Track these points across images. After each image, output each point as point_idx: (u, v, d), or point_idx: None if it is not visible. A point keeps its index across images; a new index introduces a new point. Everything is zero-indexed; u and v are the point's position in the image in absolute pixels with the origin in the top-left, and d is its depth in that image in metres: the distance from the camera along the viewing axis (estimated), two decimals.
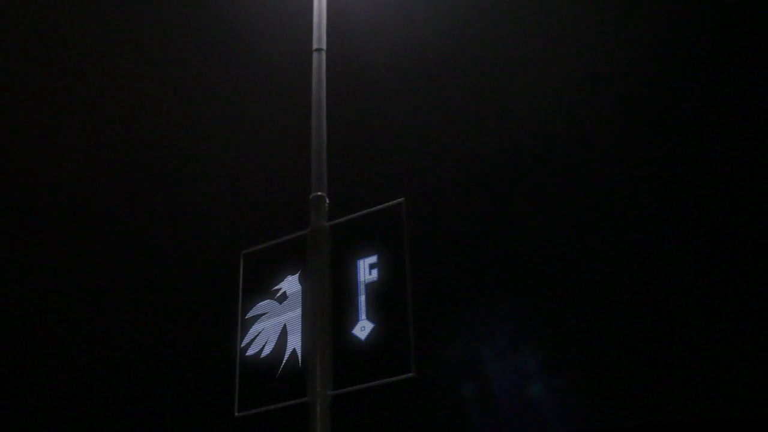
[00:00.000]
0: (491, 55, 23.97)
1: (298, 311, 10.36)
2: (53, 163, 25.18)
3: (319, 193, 10.79)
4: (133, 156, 25.25)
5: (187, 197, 25.55)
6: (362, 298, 9.84)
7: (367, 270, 9.96)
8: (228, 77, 23.65)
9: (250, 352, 10.55)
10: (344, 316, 9.91)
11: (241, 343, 10.66)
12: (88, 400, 27.14)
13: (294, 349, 10.19)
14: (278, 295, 10.65)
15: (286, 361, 10.18)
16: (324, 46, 12.00)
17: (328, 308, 10.03)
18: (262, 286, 10.87)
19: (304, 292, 10.43)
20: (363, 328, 9.73)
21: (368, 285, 9.89)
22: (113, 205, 26.02)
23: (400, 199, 10.14)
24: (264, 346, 10.45)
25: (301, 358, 10.06)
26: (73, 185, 25.60)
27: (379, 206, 10.27)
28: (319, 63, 11.89)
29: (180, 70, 23.54)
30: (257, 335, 10.59)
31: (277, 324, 10.48)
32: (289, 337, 10.30)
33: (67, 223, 26.16)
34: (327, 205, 10.74)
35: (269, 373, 10.25)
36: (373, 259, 10.00)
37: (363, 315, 9.79)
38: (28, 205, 25.71)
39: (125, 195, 25.79)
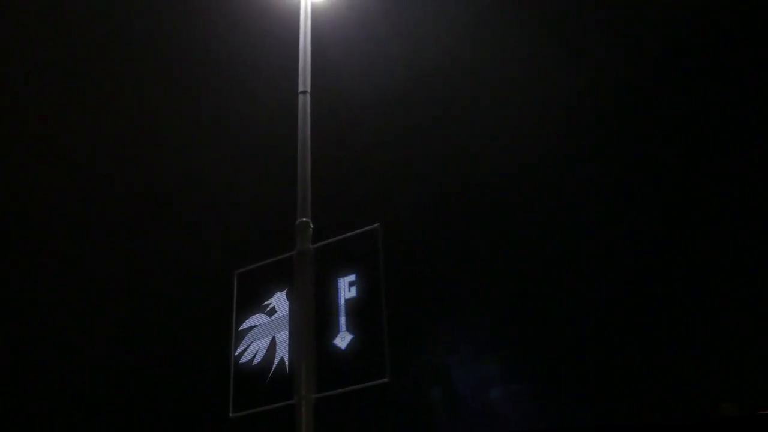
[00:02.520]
0: (459, 94, 24.16)
1: (286, 324, 10.38)
2: (60, 191, 25.09)
3: (304, 219, 10.82)
4: (143, 189, 25.23)
5: (188, 223, 25.51)
6: (342, 312, 9.88)
7: (347, 287, 10.01)
8: (225, 116, 23.73)
9: (243, 359, 10.55)
10: (326, 327, 9.94)
11: (235, 352, 10.66)
12: (99, 403, 26.92)
13: (282, 357, 10.20)
14: (268, 309, 10.66)
15: (275, 367, 10.20)
16: (308, 88, 12.05)
17: (312, 321, 10.05)
18: (253, 301, 10.87)
19: (291, 306, 10.46)
20: (343, 339, 9.77)
21: (348, 300, 9.94)
22: (125, 232, 25.96)
23: (376, 225, 10.20)
24: (255, 354, 10.45)
25: (288, 365, 10.07)
26: (84, 216, 25.53)
27: (357, 231, 10.33)
28: (304, 103, 11.93)
29: (183, 113, 23.62)
30: (249, 345, 10.59)
31: (267, 335, 10.48)
32: (277, 346, 10.32)
33: (80, 256, 26.04)
34: (311, 229, 10.77)
35: (260, 379, 10.27)
36: (352, 277, 10.05)
37: (343, 327, 9.83)
38: (33, 230, 25.54)
39: (136, 223, 25.74)
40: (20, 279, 26.11)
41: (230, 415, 10.33)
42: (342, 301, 9.97)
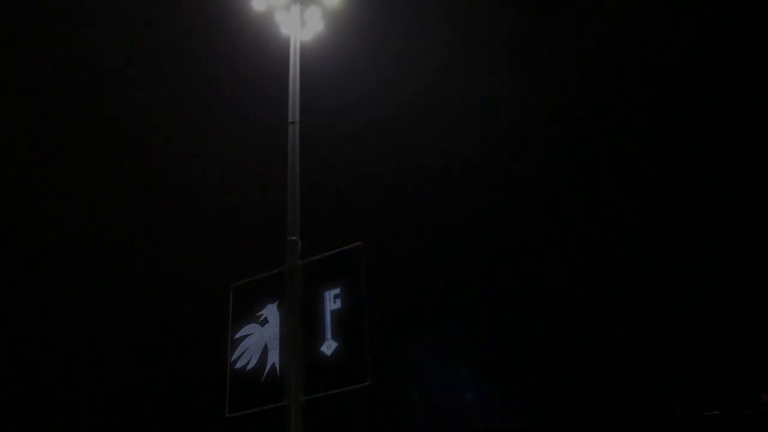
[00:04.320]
0: (436, 123, 24.37)
1: (277, 332, 10.50)
2: (63, 197, 25.02)
3: (294, 238, 10.96)
4: (147, 202, 25.27)
5: (189, 241, 25.56)
6: (328, 322, 10.02)
7: (332, 299, 10.15)
8: (226, 143, 23.88)
9: (238, 365, 10.67)
10: (314, 336, 10.09)
11: (230, 358, 10.77)
12: (99, 403, 26.79)
13: (273, 363, 10.33)
14: (261, 319, 10.77)
15: (267, 372, 10.32)
16: (297, 119, 12.14)
17: (301, 330, 10.21)
18: (247, 312, 10.98)
19: (281, 317, 10.59)
20: (329, 346, 9.92)
21: (333, 312, 10.08)
22: (127, 241, 25.94)
23: (358, 242, 10.36)
24: (249, 360, 10.57)
25: (279, 370, 10.21)
26: (86, 220, 25.47)
27: (342, 248, 10.48)
28: (294, 133, 12.02)
29: (183, 143, 23.78)
30: (244, 352, 10.70)
31: (259, 343, 10.60)
32: (269, 353, 10.44)
33: (80, 256, 25.95)
34: (300, 247, 10.90)
35: (253, 382, 10.40)
36: (337, 290, 10.19)
37: (329, 335, 9.98)
38: (33, 232, 25.39)
39: (138, 233, 25.74)
40: (20, 280, 25.97)
41: (227, 415, 10.44)
42: (328, 312, 10.11)
